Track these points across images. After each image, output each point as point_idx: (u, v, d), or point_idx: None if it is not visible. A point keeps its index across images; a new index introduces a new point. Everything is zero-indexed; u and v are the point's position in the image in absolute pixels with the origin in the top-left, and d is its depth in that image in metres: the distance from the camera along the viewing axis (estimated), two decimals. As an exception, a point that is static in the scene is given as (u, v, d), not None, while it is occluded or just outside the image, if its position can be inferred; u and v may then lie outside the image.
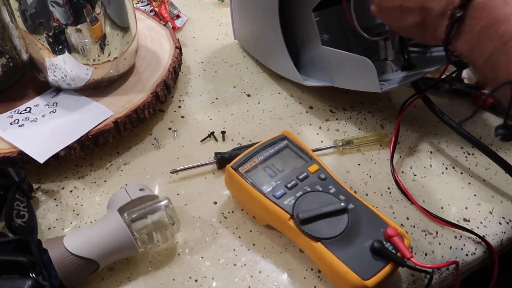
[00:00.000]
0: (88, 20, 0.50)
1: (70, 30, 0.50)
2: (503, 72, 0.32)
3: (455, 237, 0.46)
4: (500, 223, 0.48)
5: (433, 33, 0.39)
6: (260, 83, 0.65)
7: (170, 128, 0.57)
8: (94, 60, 0.52)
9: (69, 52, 0.51)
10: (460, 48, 0.37)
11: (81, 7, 0.49)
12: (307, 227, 0.40)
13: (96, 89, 0.55)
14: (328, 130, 0.58)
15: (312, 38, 0.55)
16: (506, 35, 0.32)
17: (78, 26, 0.50)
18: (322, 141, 0.56)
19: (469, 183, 0.51)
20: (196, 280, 0.41)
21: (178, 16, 0.75)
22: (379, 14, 0.44)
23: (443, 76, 0.53)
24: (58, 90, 0.55)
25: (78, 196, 0.48)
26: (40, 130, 0.49)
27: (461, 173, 0.52)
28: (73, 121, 0.50)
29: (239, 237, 0.45)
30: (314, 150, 0.53)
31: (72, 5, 0.48)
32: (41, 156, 0.46)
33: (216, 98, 0.62)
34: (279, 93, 0.63)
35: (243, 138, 0.56)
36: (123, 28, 0.54)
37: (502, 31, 0.32)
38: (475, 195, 0.50)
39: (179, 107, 0.60)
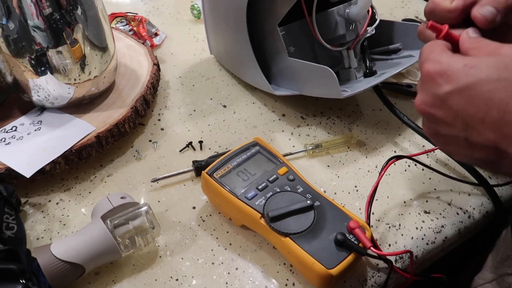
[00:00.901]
0: (68, 42, 0.53)
1: (51, 53, 0.53)
2: None
3: (416, 228, 0.50)
4: (458, 213, 0.52)
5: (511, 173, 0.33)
6: (235, 94, 0.69)
7: (150, 140, 0.60)
8: (75, 80, 0.55)
9: (51, 73, 0.54)
10: None
11: (61, 31, 0.52)
12: (277, 224, 0.43)
13: (78, 106, 0.58)
14: (299, 135, 0.61)
15: (279, 51, 0.59)
16: None
17: (59, 48, 0.53)
18: (294, 146, 0.60)
19: (429, 178, 0.55)
20: (177, 280, 0.44)
21: (156, 34, 0.79)
22: (434, 138, 0.37)
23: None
24: (42, 109, 0.58)
25: (64, 208, 0.51)
26: (26, 147, 0.52)
27: (423, 169, 0.57)
28: (57, 137, 0.53)
29: (217, 238, 0.48)
30: (286, 155, 0.57)
31: (53, 29, 0.51)
32: (27, 171, 0.49)
33: (194, 110, 0.65)
34: (253, 102, 0.67)
35: (219, 146, 0.59)
36: (102, 48, 0.57)
37: None
38: (435, 189, 0.54)
39: (159, 120, 0.64)
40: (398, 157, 0.51)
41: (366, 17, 0.60)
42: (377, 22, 0.61)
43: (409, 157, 0.52)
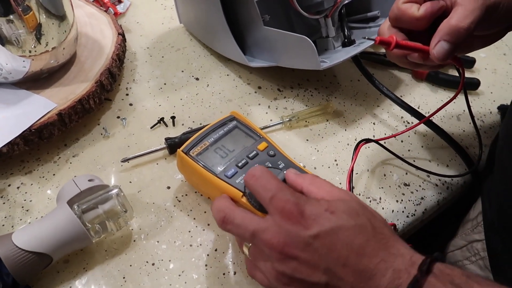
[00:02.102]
0: (20, 9, 0.48)
1: (1, 21, 0.47)
2: None
3: (397, 201, 0.49)
4: (437, 185, 0.52)
5: None
6: (208, 66, 0.65)
7: (118, 117, 0.56)
8: (30, 52, 0.50)
9: (3, 44, 0.48)
10: None
11: (10, -3, 0.47)
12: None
13: (36, 81, 0.53)
14: (276, 108, 0.59)
15: (254, 20, 0.55)
16: None
17: (10, 17, 0.48)
18: (271, 120, 0.57)
19: (408, 150, 0.55)
20: (153, 264, 0.42)
21: (120, 1, 0.73)
22: (284, 285, 0.34)
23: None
24: (-5, 84, 0.53)
25: (26, 192, 0.47)
26: (-22, 128, 0.47)
27: (401, 141, 0.56)
28: (14, 116, 0.48)
29: (194, 218, 0.46)
30: (263, 128, 0.55)
31: None
32: (-19, 154, 0.44)
33: (164, 84, 0.61)
34: (228, 75, 0.64)
35: (193, 122, 0.56)
36: (59, 16, 0.52)
37: None
38: (414, 161, 0.53)
39: (127, 94, 0.59)
40: (367, 141, 0.51)
41: (345, -18, 0.57)
42: (355, -12, 0.59)
43: (376, 141, 0.52)
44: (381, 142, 0.53)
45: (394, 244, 0.32)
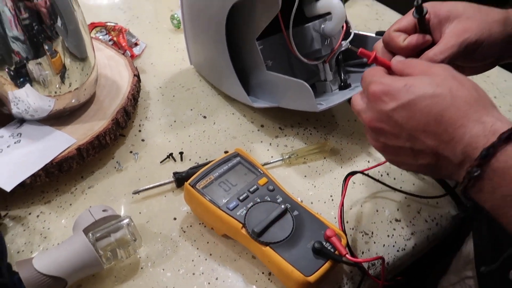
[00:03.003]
0: (48, 53, 0.54)
1: (31, 64, 0.53)
2: None
3: (388, 236, 0.52)
4: (426, 221, 0.55)
5: (449, 176, 0.37)
6: (215, 105, 0.70)
7: (131, 151, 0.61)
8: (55, 92, 0.55)
9: (31, 85, 0.54)
10: (482, 202, 0.35)
11: (40, 42, 0.52)
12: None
13: (59, 118, 0.59)
14: (277, 146, 0.63)
15: (258, 64, 0.61)
16: None
17: (39, 60, 0.53)
18: (272, 156, 0.62)
19: (400, 187, 0.58)
20: (158, 290, 0.45)
21: (136, 44, 0.79)
22: (383, 150, 0.41)
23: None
24: (21, 121, 0.58)
25: (45, 220, 0.51)
26: (6, 160, 0.52)
27: (394, 178, 0.59)
28: (38, 150, 0.53)
29: (197, 248, 0.50)
30: (264, 164, 0.59)
31: (32, 40, 0.51)
32: (7, 185, 0.49)
33: (175, 121, 0.66)
34: (233, 113, 0.69)
35: (200, 157, 0.61)
36: (82, 59, 0.58)
37: None
38: (405, 198, 0.57)
39: (140, 131, 0.64)
40: (353, 173, 0.55)
41: (341, 32, 0.63)
42: (351, 36, 0.64)
43: (361, 172, 0.56)
44: (369, 173, 0.57)
45: (478, 112, 0.34)
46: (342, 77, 0.64)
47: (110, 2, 0.96)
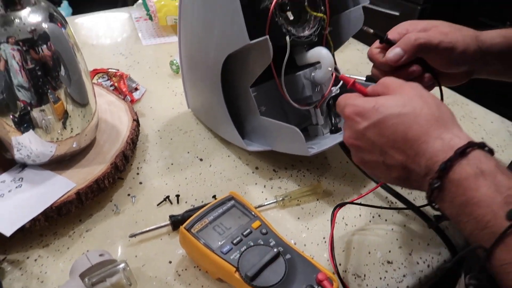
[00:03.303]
0: (51, 100, 0.56)
1: (34, 111, 0.55)
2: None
3: (380, 278, 0.53)
4: (418, 263, 0.55)
5: (419, 187, 0.40)
6: (212, 148, 0.72)
7: (129, 194, 0.62)
8: (57, 138, 0.58)
9: (34, 131, 0.56)
10: (444, 210, 0.38)
11: (44, 90, 0.55)
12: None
13: (60, 163, 0.61)
14: (271, 188, 0.65)
15: (252, 110, 0.64)
16: (481, 221, 0.33)
17: (42, 107, 0.56)
18: (266, 198, 0.63)
19: (392, 229, 0.59)
20: (152, 336, 0.46)
21: (136, 89, 0.83)
22: (362, 165, 0.45)
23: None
24: (23, 166, 0.60)
25: (42, 264, 0.52)
26: (6, 205, 0.54)
27: (385, 220, 0.61)
28: (38, 195, 0.55)
29: (192, 292, 0.50)
30: (259, 206, 0.60)
31: (37, 88, 0.54)
32: (7, 230, 0.50)
33: (172, 164, 0.69)
34: (229, 156, 0.71)
35: (195, 200, 0.62)
36: (84, 106, 0.61)
37: (477, 215, 0.34)
38: (397, 239, 0.58)
39: (138, 173, 0.66)
40: (341, 205, 0.57)
41: (331, 79, 0.66)
42: (341, 82, 0.67)
43: (351, 202, 0.59)
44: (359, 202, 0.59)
45: (438, 129, 0.38)
46: (333, 121, 0.67)
47: (113, 48, 1.00)
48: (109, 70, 0.83)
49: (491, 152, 0.37)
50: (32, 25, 0.51)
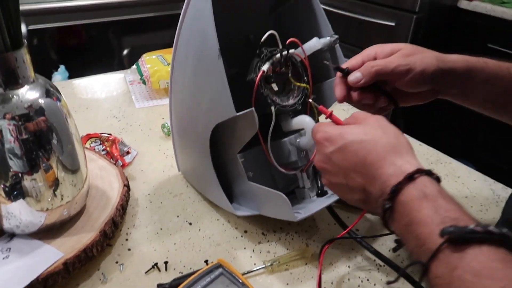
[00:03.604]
0: (43, 169, 0.58)
1: (26, 179, 0.56)
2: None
3: None
4: (408, 329, 0.55)
5: (376, 209, 0.44)
6: (201, 211, 0.73)
7: (117, 262, 0.62)
8: (47, 208, 0.58)
9: (24, 199, 0.57)
10: (395, 231, 0.42)
11: (37, 159, 0.56)
12: None
13: (49, 231, 0.61)
14: (260, 252, 0.65)
15: (240, 175, 0.65)
16: (420, 239, 0.37)
17: (34, 176, 0.57)
18: (255, 263, 0.63)
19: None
20: None
21: (128, 152, 0.85)
22: (330, 187, 0.50)
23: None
24: (11, 235, 0.60)
25: None
26: (-8, 277, 0.53)
27: (374, 284, 0.61)
28: (25, 266, 0.55)
29: None
30: (247, 272, 0.60)
31: (29, 158, 0.55)
32: (-9, 304, 0.50)
33: (161, 229, 0.69)
34: (218, 219, 0.71)
35: (184, 266, 0.62)
36: (75, 173, 0.62)
37: (418, 233, 0.38)
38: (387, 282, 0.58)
39: (126, 239, 0.66)
40: (330, 241, 0.61)
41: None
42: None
43: (340, 238, 0.63)
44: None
45: (393, 156, 0.43)
46: (319, 185, 0.68)
47: (107, 111, 1.03)
48: (102, 134, 0.86)
49: (437, 179, 0.42)
50: (29, 101, 0.54)
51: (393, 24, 2.05)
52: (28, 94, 0.54)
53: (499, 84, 0.58)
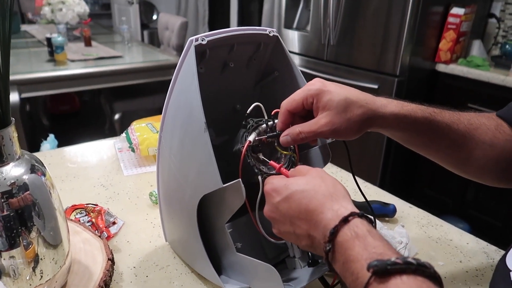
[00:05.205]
0: (23, 245, 0.55)
1: (3, 256, 0.54)
2: None
3: None
4: None
5: (321, 253, 0.47)
6: (189, 285, 0.70)
7: None
8: (26, 286, 0.55)
9: (0, 278, 0.54)
10: (337, 270, 0.45)
11: (17, 236, 0.54)
12: None
13: (25, 314, 0.57)
14: (251, 329, 0.62)
15: (228, 246, 0.64)
16: (354, 274, 0.41)
17: (12, 252, 0.55)
18: None
19: None
20: None
21: (114, 223, 0.83)
22: (280, 235, 0.54)
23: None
24: (-15, 319, 0.56)
25: None
26: None
27: None
28: None
29: None
30: None
31: (9, 234, 0.53)
32: None
33: (146, 305, 0.65)
34: (206, 293, 0.68)
35: None
36: (57, 249, 0.60)
37: (352, 269, 0.41)
38: None
39: (109, 319, 0.63)
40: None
41: (305, 211, 0.68)
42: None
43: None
44: None
45: (331, 202, 0.47)
46: (310, 254, 0.67)
47: (94, 180, 1.02)
48: (88, 205, 0.84)
49: (369, 219, 0.46)
50: (13, 178, 0.53)
51: (376, 87, 2.14)
52: (13, 171, 0.53)
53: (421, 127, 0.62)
